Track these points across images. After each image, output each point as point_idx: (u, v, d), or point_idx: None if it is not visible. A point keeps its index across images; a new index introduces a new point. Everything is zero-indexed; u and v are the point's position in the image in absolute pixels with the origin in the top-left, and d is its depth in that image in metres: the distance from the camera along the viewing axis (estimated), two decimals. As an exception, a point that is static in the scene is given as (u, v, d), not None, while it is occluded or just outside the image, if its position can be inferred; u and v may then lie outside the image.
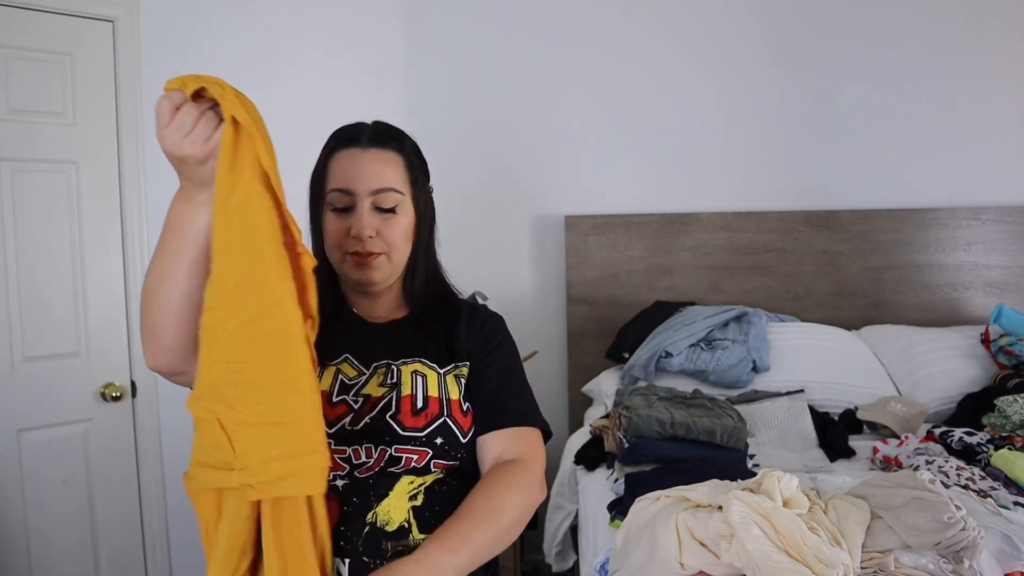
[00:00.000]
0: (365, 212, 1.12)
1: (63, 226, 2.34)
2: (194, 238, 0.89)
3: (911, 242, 3.12)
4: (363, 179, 1.12)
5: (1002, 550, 1.41)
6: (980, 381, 2.54)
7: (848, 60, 3.14)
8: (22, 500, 2.26)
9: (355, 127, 1.16)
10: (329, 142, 1.17)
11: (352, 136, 1.15)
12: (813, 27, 3.16)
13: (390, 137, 1.16)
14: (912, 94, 3.13)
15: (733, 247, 3.13)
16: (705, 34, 3.18)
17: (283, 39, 2.70)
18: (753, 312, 2.82)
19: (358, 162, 1.13)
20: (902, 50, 3.13)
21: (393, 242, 1.14)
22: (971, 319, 3.08)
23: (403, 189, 1.15)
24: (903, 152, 3.15)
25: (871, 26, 3.14)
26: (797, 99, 3.17)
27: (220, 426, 0.88)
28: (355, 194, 1.12)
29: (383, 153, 1.15)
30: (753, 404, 2.38)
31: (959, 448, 2.01)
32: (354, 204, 1.12)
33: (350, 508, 1.02)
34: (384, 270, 1.15)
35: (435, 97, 3.16)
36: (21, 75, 2.23)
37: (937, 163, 3.14)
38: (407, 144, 1.18)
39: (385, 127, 1.17)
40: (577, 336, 3.14)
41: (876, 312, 3.12)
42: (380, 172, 1.13)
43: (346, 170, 1.13)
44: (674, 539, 1.37)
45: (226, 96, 0.89)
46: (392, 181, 1.13)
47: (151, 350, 0.94)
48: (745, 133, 3.18)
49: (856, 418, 2.43)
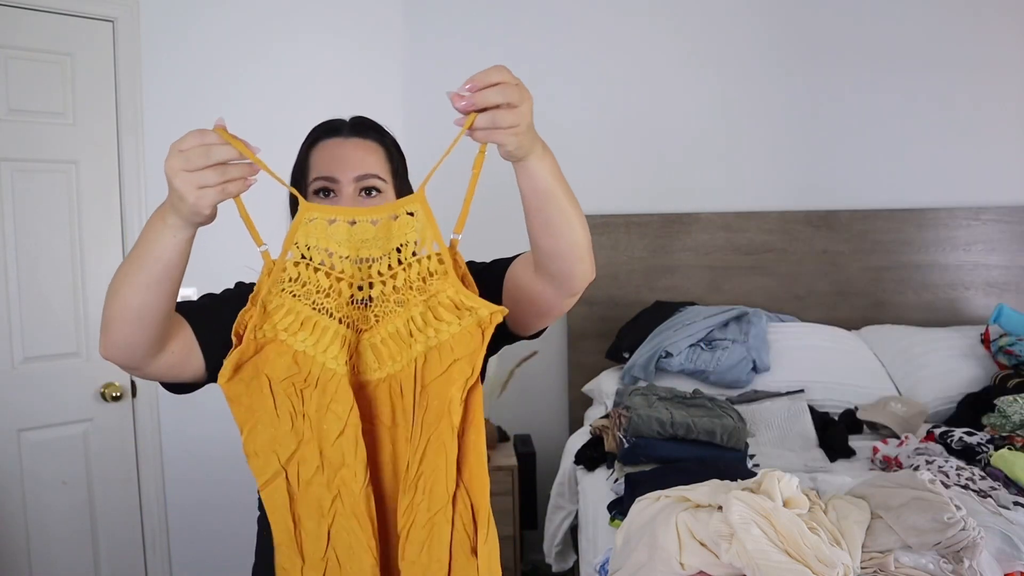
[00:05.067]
0: (349, 199, 1.11)
1: (63, 226, 2.34)
2: (159, 254, 0.88)
3: (911, 242, 3.12)
4: (346, 166, 1.11)
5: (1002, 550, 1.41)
6: (980, 381, 2.55)
7: (848, 60, 3.14)
8: (22, 500, 2.26)
9: (335, 120, 1.17)
10: (309, 135, 1.17)
11: (333, 127, 1.15)
12: (814, 27, 3.16)
13: (371, 128, 1.16)
14: (912, 94, 3.14)
15: (733, 247, 3.13)
16: (707, 33, 3.18)
17: (283, 40, 2.70)
18: (753, 312, 2.82)
19: (340, 150, 1.13)
20: (903, 50, 3.13)
21: None
22: (971, 319, 3.08)
23: (385, 177, 1.14)
24: (903, 152, 3.15)
25: (872, 26, 3.14)
26: (798, 99, 3.17)
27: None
28: (338, 181, 1.11)
29: (364, 142, 1.15)
30: (753, 404, 2.39)
31: (959, 448, 2.01)
32: (337, 192, 1.11)
33: None
34: None
35: (434, 95, 3.16)
36: (21, 75, 2.23)
37: (937, 163, 3.15)
38: (387, 137, 1.19)
39: (365, 119, 1.18)
40: (577, 336, 3.14)
41: (876, 312, 3.12)
42: (363, 159, 1.12)
43: (328, 159, 1.12)
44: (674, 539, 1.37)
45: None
46: (375, 168, 1.13)
47: (104, 342, 0.94)
48: (745, 133, 3.18)
49: (856, 418, 2.43)
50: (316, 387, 0.93)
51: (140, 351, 0.94)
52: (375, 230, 0.92)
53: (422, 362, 0.93)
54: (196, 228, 0.87)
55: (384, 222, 0.92)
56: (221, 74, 2.57)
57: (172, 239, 0.87)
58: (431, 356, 0.93)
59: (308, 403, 0.93)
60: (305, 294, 0.93)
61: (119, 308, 0.91)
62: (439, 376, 0.92)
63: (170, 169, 0.81)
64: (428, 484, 0.92)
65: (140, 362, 0.96)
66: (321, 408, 0.92)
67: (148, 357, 0.96)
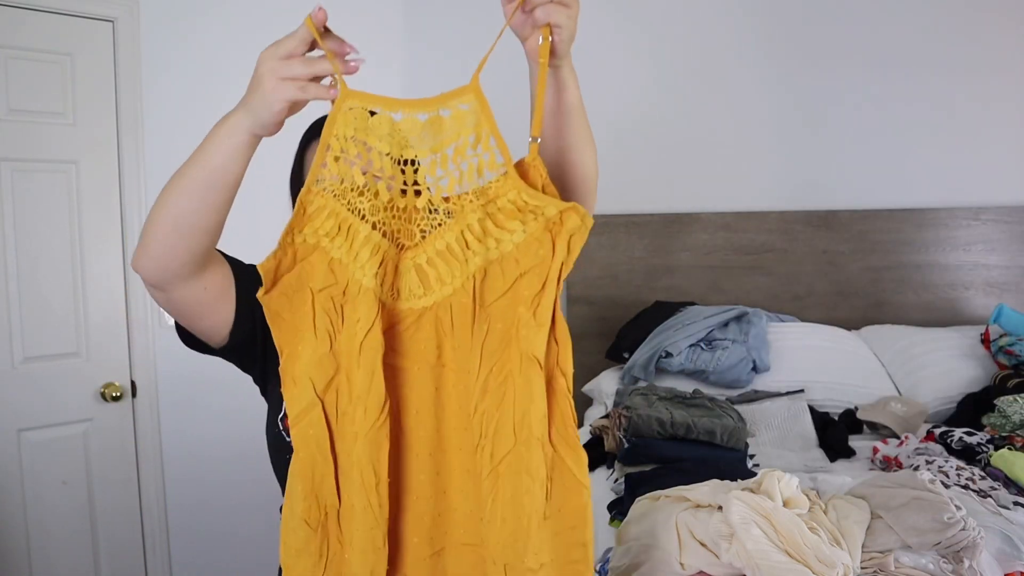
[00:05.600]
0: None
1: (63, 226, 2.34)
2: (212, 155, 0.82)
3: (911, 242, 3.12)
4: None
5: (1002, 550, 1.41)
6: (980, 381, 2.54)
7: (848, 60, 3.14)
8: (22, 500, 2.26)
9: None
10: (304, 136, 1.12)
11: None
12: (814, 27, 3.15)
13: None
14: (912, 94, 3.13)
15: (733, 247, 3.13)
16: (706, 33, 3.17)
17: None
18: (753, 312, 2.82)
19: None
20: (902, 49, 3.13)
21: None
22: (971, 319, 3.08)
23: None
24: (903, 152, 3.15)
25: (872, 26, 3.14)
26: (798, 99, 3.17)
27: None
28: None
29: None
30: (753, 404, 2.38)
31: (959, 448, 2.01)
32: None
33: None
34: None
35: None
36: (21, 75, 2.23)
37: (937, 163, 3.14)
38: None
39: None
40: (577, 336, 3.12)
41: (876, 312, 3.12)
42: None
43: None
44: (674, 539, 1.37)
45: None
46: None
47: (139, 252, 0.89)
48: (745, 133, 3.18)
49: (856, 418, 2.43)
50: (348, 302, 0.80)
51: (175, 265, 0.87)
52: (423, 126, 0.79)
53: (481, 279, 0.78)
54: (257, 136, 0.81)
55: (434, 117, 0.79)
56: (221, 74, 2.56)
57: (229, 141, 0.81)
58: (492, 271, 0.78)
59: (343, 319, 0.80)
60: (341, 193, 0.80)
61: (163, 214, 0.85)
62: (503, 295, 0.78)
63: (264, 55, 0.78)
64: (491, 426, 0.77)
65: (171, 280, 0.89)
66: (351, 327, 0.80)
67: (180, 277, 0.89)
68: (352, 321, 0.79)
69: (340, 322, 0.80)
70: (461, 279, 0.79)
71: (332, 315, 0.80)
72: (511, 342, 0.77)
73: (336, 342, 0.80)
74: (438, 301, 0.80)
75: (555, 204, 0.76)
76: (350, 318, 0.79)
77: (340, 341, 0.80)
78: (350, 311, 0.79)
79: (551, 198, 0.77)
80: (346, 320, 0.80)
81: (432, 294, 0.81)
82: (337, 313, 0.80)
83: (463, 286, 0.79)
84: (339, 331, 0.80)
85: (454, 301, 0.80)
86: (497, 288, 0.78)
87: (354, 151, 0.79)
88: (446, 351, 0.81)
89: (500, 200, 0.78)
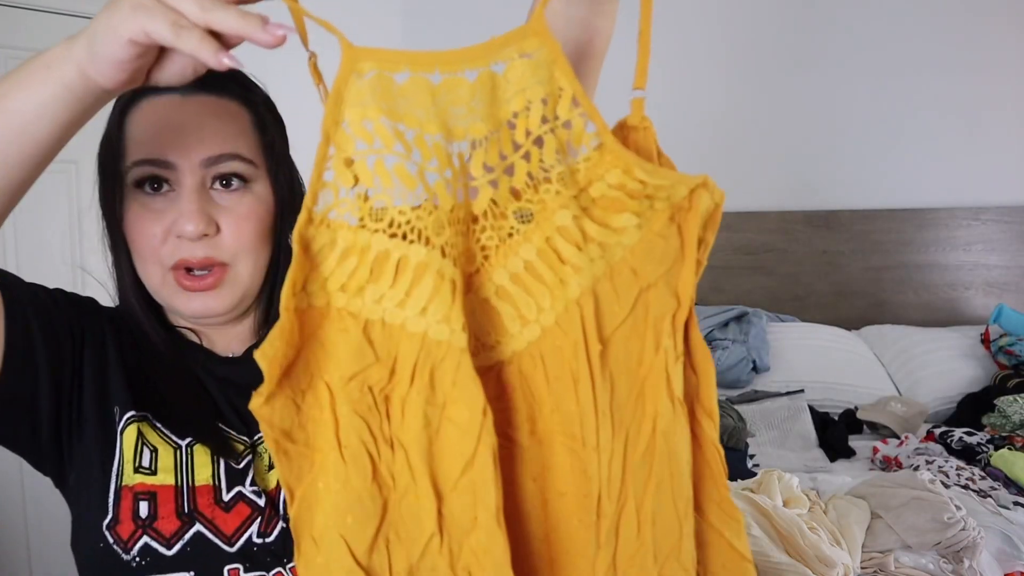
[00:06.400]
0: (193, 194, 0.69)
1: (63, 226, 2.34)
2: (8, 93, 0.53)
3: (911, 242, 3.12)
4: (185, 140, 0.69)
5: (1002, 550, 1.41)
6: (980, 381, 2.54)
7: (848, 59, 3.14)
8: (22, 499, 2.26)
9: None
10: (126, 92, 0.61)
11: None
12: (814, 27, 3.15)
13: (228, 79, 0.71)
14: (912, 94, 3.13)
15: (733, 247, 3.13)
16: (705, 32, 3.17)
17: (283, 39, 2.71)
18: (753, 312, 2.82)
19: (176, 115, 0.70)
20: (902, 49, 3.13)
21: (243, 242, 0.71)
22: (971, 319, 3.07)
23: (253, 157, 0.73)
24: (903, 152, 3.15)
25: (872, 25, 3.14)
26: (797, 98, 3.16)
27: None
28: (174, 166, 0.69)
29: (219, 102, 0.72)
30: (753, 404, 2.39)
31: (959, 448, 2.01)
32: (172, 183, 0.70)
33: None
34: (232, 292, 0.72)
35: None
36: (21, 75, 2.23)
37: (937, 163, 3.14)
38: (256, 93, 0.78)
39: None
40: (577, 336, 3.14)
41: (876, 312, 3.12)
42: (215, 129, 0.71)
43: (154, 129, 0.69)
44: (674, 539, 1.37)
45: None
46: (235, 143, 0.72)
47: None
48: (745, 132, 3.18)
49: (856, 418, 2.43)
50: (413, 383, 0.50)
51: None
52: (471, 88, 0.52)
53: (591, 306, 0.52)
54: (87, 79, 0.53)
55: (485, 74, 0.53)
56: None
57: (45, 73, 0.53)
58: (602, 291, 0.52)
59: (401, 419, 0.51)
60: (372, 215, 0.50)
61: None
62: (623, 323, 0.52)
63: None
64: (638, 521, 0.52)
65: None
66: (431, 421, 0.50)
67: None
68: (434, 410, 0.50)
69: (387, 424, 0.51)
70: (555, 312, 0.52)
71: (370, 416, 0.51)
72: (644, 390, 0.53)
73: (379, 462, 0.51)
74: (519, 350, 0.53)
75: (683, 180, 0.55)
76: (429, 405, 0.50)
77: (397, 455, 0.51)
78: (423, 393, 0.50)
79: (675, 172, 0.55)
80: (420, 412, 0.50)
81: (510, 340, 0.53)
82: (377, 411, 0.51)
83: (558, 322, 0.52)
84: (384, 440, 0.51)
85: (545, 347, 0.52)
86: (614, 315, 0.52)
87: (391, 142, 0.50)
88: (542, 419, 0.53)
89: (596, 186, 0.54)
